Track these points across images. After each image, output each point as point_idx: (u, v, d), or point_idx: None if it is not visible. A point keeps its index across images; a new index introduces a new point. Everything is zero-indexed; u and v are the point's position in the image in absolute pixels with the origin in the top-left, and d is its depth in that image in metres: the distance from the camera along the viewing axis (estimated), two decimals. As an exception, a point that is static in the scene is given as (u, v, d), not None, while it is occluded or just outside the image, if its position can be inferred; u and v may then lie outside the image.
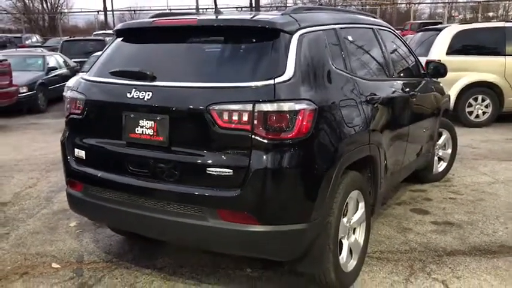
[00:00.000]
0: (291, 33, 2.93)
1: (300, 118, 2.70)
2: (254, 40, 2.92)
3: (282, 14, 3.11)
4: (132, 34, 3.41)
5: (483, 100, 9.06)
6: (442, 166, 5.74)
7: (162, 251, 3.84)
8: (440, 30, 9.38)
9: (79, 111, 3.26)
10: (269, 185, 2.67)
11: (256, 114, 2.64)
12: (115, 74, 3.12)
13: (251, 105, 2.65)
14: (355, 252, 3.37)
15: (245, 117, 2.65)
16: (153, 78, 2.95)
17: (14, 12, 44.86)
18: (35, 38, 28.13)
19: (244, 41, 2.96)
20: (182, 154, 2.85)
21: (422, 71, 4.96)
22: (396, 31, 4.74)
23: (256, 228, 2.71)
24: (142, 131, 2.95)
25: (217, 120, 2.70)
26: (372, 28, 4.08)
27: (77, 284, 3.40)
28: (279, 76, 2.74)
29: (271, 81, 2.70)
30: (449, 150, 5.80)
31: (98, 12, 39.80)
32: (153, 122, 2.91)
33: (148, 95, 2.90)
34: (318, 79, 3.00)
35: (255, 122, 2.64)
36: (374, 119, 3.49)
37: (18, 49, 17.39)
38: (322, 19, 3.38)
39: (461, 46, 8.99)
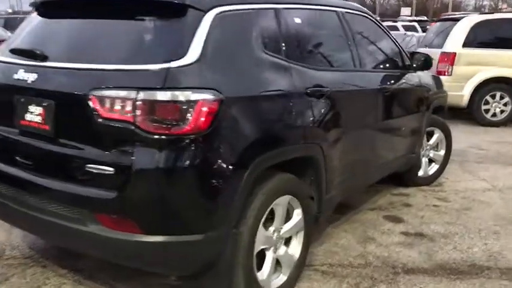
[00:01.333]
0: (203, 11, 2.49)
1: (198, 110, 2.27)
2: (159, 17, 2.48)
3: None
4: (44, 8, 3.02)
5: (501, 98, 8.35)
6: (433, 169, 5.19)
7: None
8: (458, 20, 8.68)
9: (-22, 93, 2.93)
10: (153, 188, 2.27)
11: (140, 103, 2.22)
12: (13, 52, 2.77)
13: (135, 92, 2.24)
14: (286, 266, 2.94)
15: (128, 107, 2.24)
16: (45, 58, 2.58)
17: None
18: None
19: (148, 18, 2.49)
20: (65, 147, 2.47)
21: (408, 63, 4.41)
22: (374, 16, 4.22)
23: (139, 238, 2.30)
24: (32, 118, 2.59)
25: (98, 109, 2.29)
26: (335, 11, 3.58)
27: (-20, 283, 3.11)
28: (178, 59, 2.31)
29: (165, 65, 2.28)
30: (442, 152, 5.23)
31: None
32: (41, 108, 2.54)
33: (34, 76, 2.53)
34: (235, 65, 2.56)
35: (139, 112, 2.23)
36: (317, 114, 3.01)
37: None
38: None
39: (479, 38, 8.26)
